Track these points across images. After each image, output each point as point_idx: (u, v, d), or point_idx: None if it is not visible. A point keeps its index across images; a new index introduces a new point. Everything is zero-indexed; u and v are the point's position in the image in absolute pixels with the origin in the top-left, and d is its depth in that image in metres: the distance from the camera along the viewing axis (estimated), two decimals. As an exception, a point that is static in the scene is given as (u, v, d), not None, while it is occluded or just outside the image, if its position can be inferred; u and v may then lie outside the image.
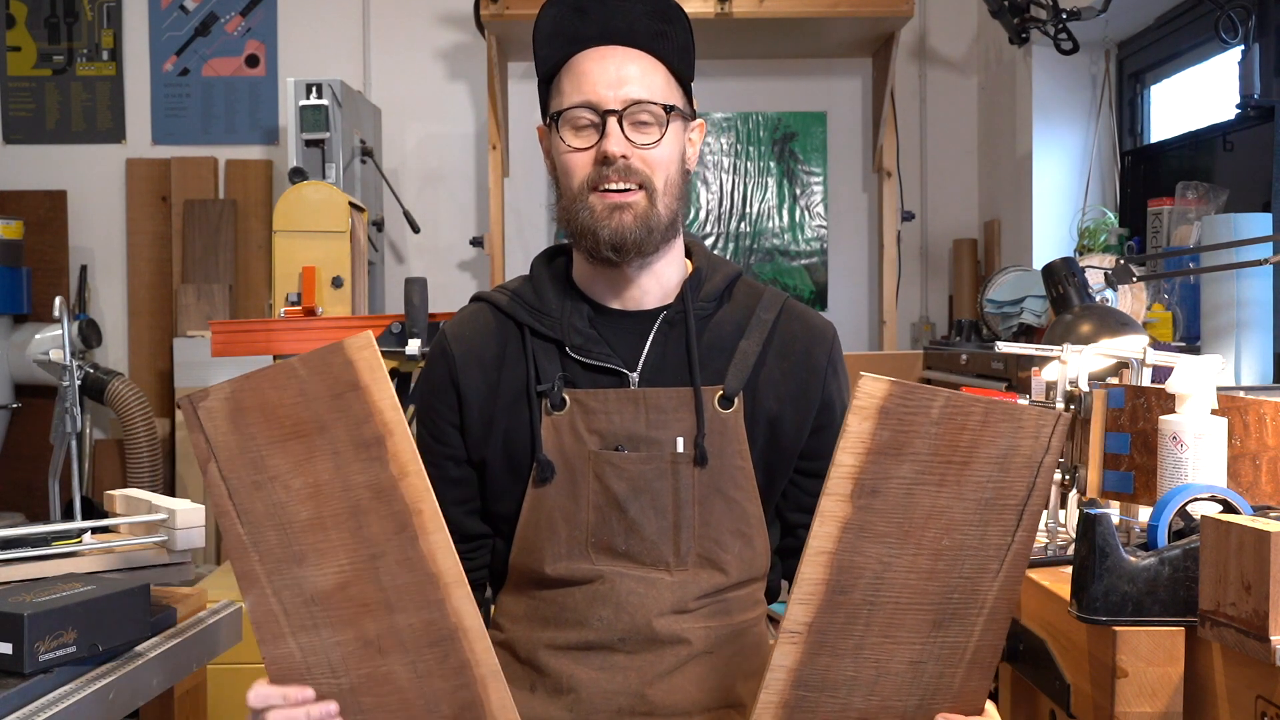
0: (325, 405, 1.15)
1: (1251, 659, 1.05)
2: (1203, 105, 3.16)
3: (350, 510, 1.16)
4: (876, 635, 1.14)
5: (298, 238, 2.96)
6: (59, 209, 4.33)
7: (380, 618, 1.17)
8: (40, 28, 4.40)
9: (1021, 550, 1.13)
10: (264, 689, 1.16)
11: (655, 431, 1.32)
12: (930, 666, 1.15)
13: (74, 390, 1.77)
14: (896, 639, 1.15)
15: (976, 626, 1.14)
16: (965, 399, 1.12)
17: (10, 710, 1.19)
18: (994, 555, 1.13)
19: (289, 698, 1.16)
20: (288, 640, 1.17)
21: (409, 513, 1.16)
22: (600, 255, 1.33)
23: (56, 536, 1.60)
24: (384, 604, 1.16)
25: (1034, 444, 1.12)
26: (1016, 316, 3.13)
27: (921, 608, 1.14)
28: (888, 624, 1.14)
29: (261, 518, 1.16)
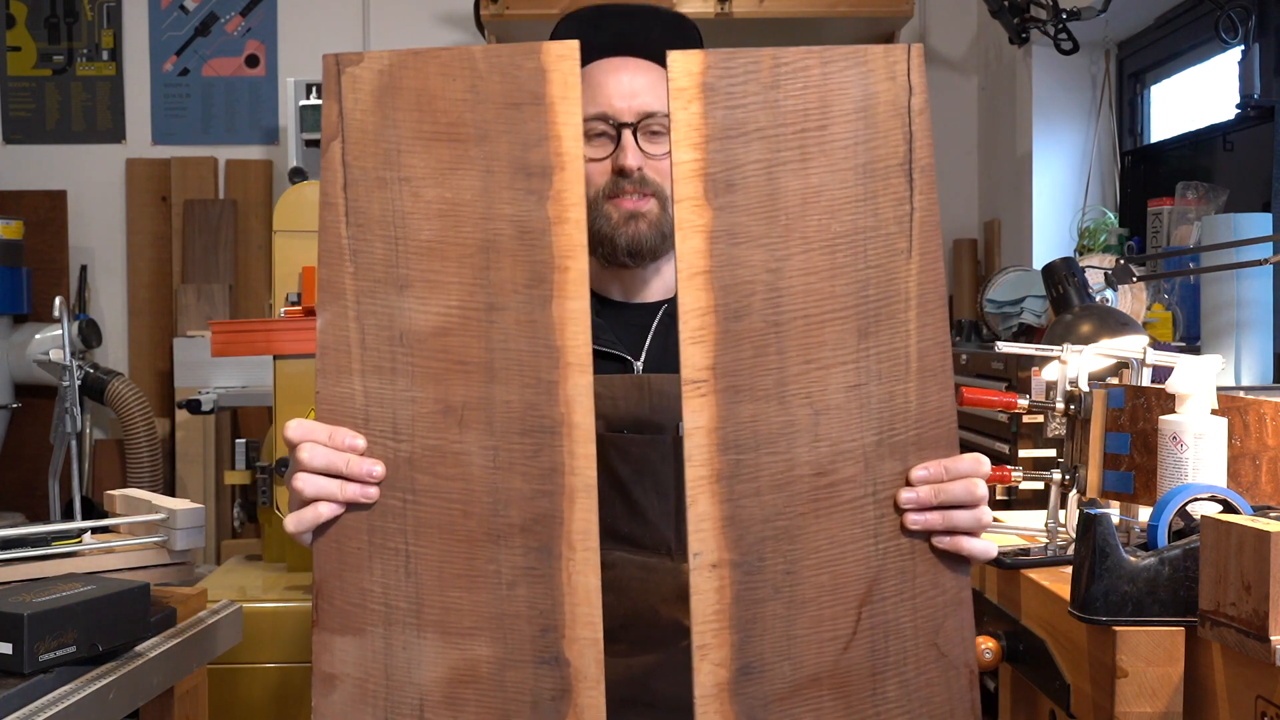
0: (496, 112, 0.98)
1: (1251, 659, 1.05)
2: (1203, 105, 3.15)
3: (483, 244, 0.98)
4: (797, 363, 0.99)
5: (298, 238, 2.96)
6: (59, 209, 4.33)
7: (474, 383, 0.98)
8: (40, 28, 4.40)
9: (927, 219, 1.00)
10: (308, 422, 0.99)
11: (658, 416, 1.34)
12: (874, 388, 0.99)
13: (74, 390, 1.77)
14: (822, 362, 0.99)
15: (910, 324, 1.00)
16: (794, 52, 0.99)
17: (10, 710, 1.19)
18: (897, 231, 0.99)
19: (334, 438, 0.98)
20: (354, 378, 0.98)
21: (552, 266, 0.98)
22: (617, 260, 1.38)
23: (56, 536, 1.60)
24: (485, 368, 0.98)
25: (893, 87, 1.00)
26: (1016, 316, 3.13)
27: (837, 316, 0.99)
28: (805, 345, 0.98)
29: (374, 223, 0.98)
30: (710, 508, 0.98)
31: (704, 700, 0.99)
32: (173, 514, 1.61)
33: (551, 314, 0.98)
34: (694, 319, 0.98)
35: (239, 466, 3.03)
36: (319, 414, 0.99)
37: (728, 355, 0.98)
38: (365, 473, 0.98)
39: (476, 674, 0.99)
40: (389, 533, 0.99)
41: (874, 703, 1.00)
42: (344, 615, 0.99)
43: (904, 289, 1.00)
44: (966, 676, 1.02)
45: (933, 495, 1.00)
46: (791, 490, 0.99)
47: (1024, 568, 1.40)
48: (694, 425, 0.97)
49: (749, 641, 0.99)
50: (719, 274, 0.98)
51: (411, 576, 0.99)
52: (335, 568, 0.99)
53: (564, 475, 0.98)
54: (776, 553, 0.99)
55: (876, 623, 1.01)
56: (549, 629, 0.99)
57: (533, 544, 0.99)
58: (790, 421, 0.99)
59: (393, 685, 0.98)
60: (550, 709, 0.99)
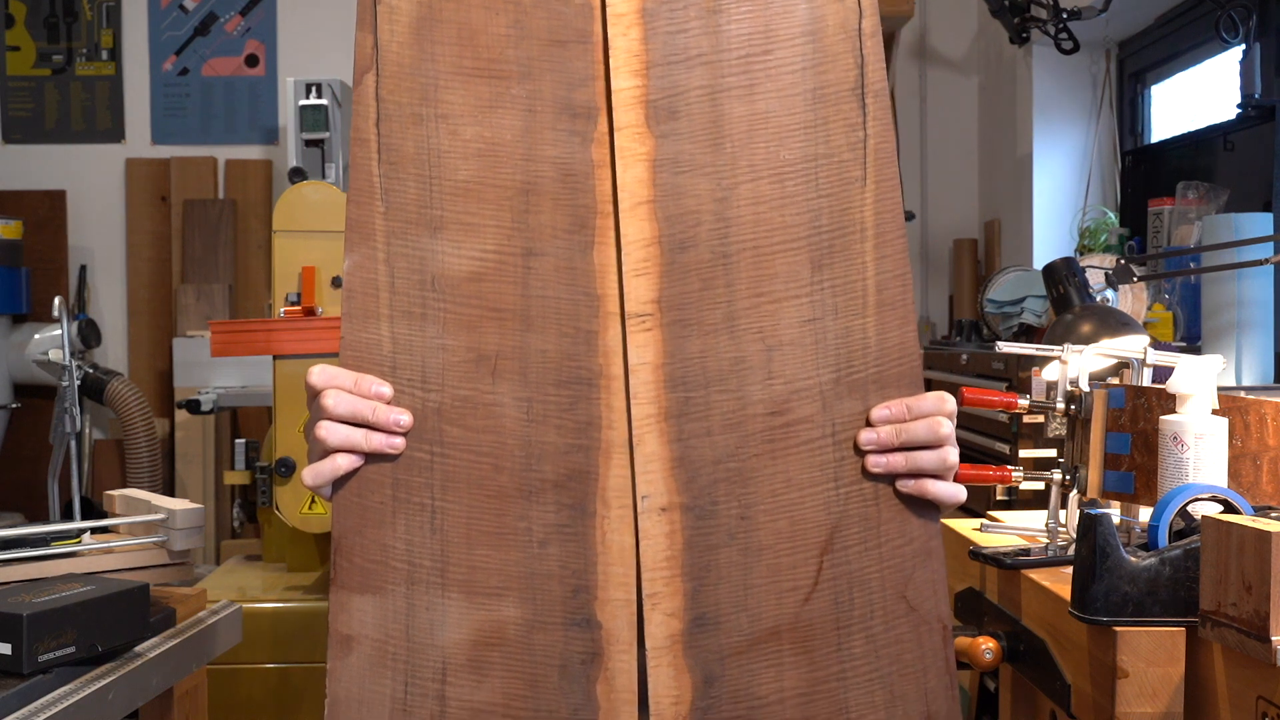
0: (541, 49, 0.93)
1: (1252, 659, 1.04)
2: (1203, 105, 3.15)
3: (522, 187, 0.94)
4: (746, 295, 0.94)
5: (298, 238, 2.96)
6: (58, 209, 4.33)
7: (509, 331, 0.93)
8: (40, 27, 4.40)
9: (883, 146, 0.96)
10: (332, 368, 0.94)
11: None
12: (830, 323, 0.95)
13: (73, 390, 1.77)
14: (773, 295, 0.94)
15: (866, 256, 0.95)
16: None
17: (9, 711, 1.19)
18: (851, 158, 0.95)
19: (359, 385, 0.93)
20: (381, 324, 0.93)
21: (594, 211, 0.94)
22: None
23: (56, 537, 1.60)
24: (520, 316, 0.93)
25: (841, 9, 0.95)
26: (1017, 316, 3.13)
27: (788, 247, 0.94)
28: (755, 277, 0.94)
29: (407, 161, 0.94)
30: (658, 448, 0.94)
31: (656, 653, 0.94)
32: (172, 514, 1.61)
33: (592, 261, 0.93)
34: (637, 250, 0.93)
35: (238, 467, 3.03)
36: (343, 360, 0.94)
37: (674, 288, 0.94)
38: (392, 422, 0.93)
39: (503, 636, 0.94)
40: (414, 487, 0.94)
41: (839, 659, 0.96)
42: (364, 573, 0.94)
43: (859, 219, 0.95)
44: (940, 632, 0.97)
45: (894, 436, 0.95)
46: (744, 430, 0.95)
47: (1024, 568, 1.39)
48: (639, 361, 0.93)
49: (703, 590, 0.94)
50: (663, 204, 0.94)
51: (437, 533, 0.94)
52: (356, 523, 0.94)
53: (601, 429, 0.93)
54: (730, 496, 0.95)
55: (839, 573, 0.96)
56: (580, 589, 0.94)
57: (566, 501, 0.94)
58: (741, 357, 0.94)
59: (414, 647, 0.94)
60: (580, 673, 0.94)
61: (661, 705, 0.95)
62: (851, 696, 0.96)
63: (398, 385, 0.93)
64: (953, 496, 0.98)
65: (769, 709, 0.95)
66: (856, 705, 0.96)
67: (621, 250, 0.93)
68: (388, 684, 0.93)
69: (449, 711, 0.94)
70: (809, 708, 0.96)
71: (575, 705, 0.94)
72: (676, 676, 0.95)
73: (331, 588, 0.94)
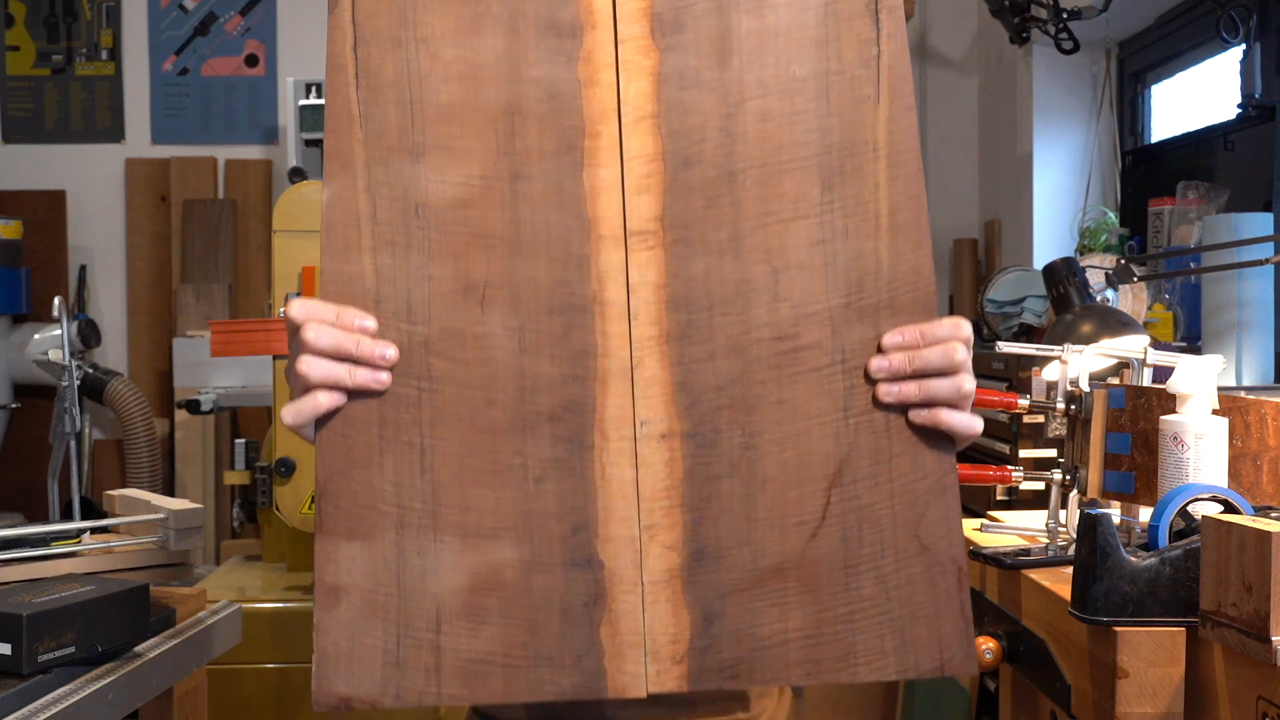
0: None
1: (1252, 659, 1.04)
2: (1203, 105, 3.15)
3: (507, 108, 0.91)
4: (753, 215, 0.91)
5: (297, 238, 2.96)
6: (58, 209, 4.33)
7: (497, 258, 0.90)
8: (39, 27, 4.40)
9: (897, 64, 0.93)
10: (313, 301, 0.89)
11: None
12: (840, 245, 0.91)
13: (73, 390, 1.77)
14: (781, 215, 0.91)
15: (879, 176, 0.92)
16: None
17: (9, 711, 1.18)
18: (863, 75, 0.92)
19: (342, 318, 0.89)
20: (363, 256, 0.89)
21: (582, 132, 0.91)
22: None
23: (56, 537, 1.60)
24: (509, 242, 0.90)
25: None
26: (1017, 316, 3.13)
27: (797, 165, 0.91)
28: (762, 196, 0.91)
29: (387, 86, 0.90)
30: (659, 371, 0.90)
31: (654, 587, 0.90)
32: (172, 514, 1.61)
33: (582, 183, 0.90)
34: (640, 166, 0.90)
35: (238, 467, 3.02)
36: (324, 294, 0.90)
37: (677, 205, 0.91)
38: (377, 356, 0.88)
39: (500, 580, 0.90)
40: (402, 425, 0.89)
41: (847, 600, 0.91)
42: (350, 518, 0.89)
43: (871, 138, 0.92)
44: (954, 574, 0.92)
45: (907, 363, 0.91)
46: (749, 355, 0.91)
47: (1024, 568, 1.39)
48: (640, 281, 0.90)
49: (703, 523, 0.90)
50: (667, 119, 0.91)
51: (427, 473, 0.89)
52: (341, 465, 0.89)
53: (596, 357, 0.90)
54: (733, 424, 0.91)
55: (848, 508, 0.91)
56: (580, 528, 0.90)
57: (562, 434, 0.90)
58: (747, 279, 0.91)
59: (406, 596, 0.89)
60: (582, 616, 0.90)
61: (658, 644, 0.90)
62: (860, 640, 0.91)
63: (382, 318, 0.89)
64: (968, 427, 0.93)
65: (771, 650, 0.91)
66: (865, 650, 0.91)
67: (624, 166, 0.90)
68: (379, 636, 0.89)
69: (444, 663, 0.89)
70: (814, 650, 0.91)
71: (578, 650, 0.90)
72: (674, 614, 0.90)
73: (316, 535, 0.89)
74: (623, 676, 0.90)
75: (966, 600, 0.92)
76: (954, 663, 0.91)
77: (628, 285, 0.91)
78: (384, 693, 0.88)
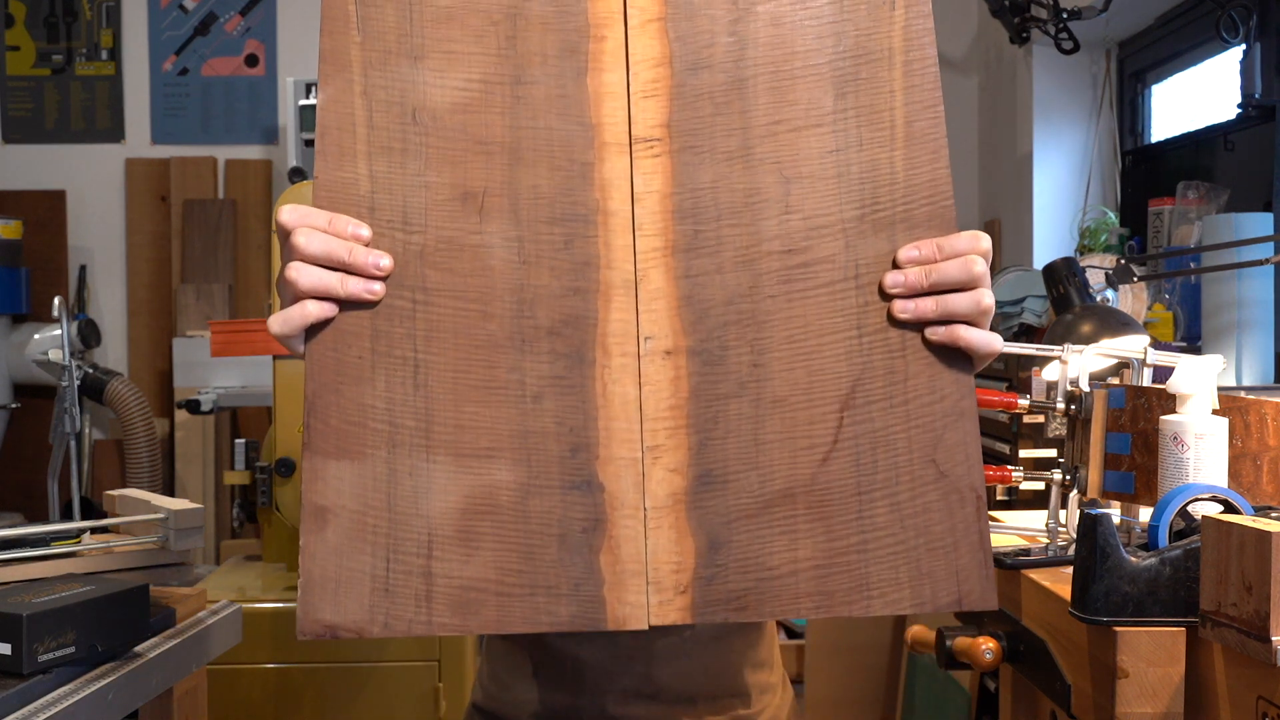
0: None
1: (1253, 660, 1.04)
2: (1203, 105, 3.15)
3: (509, 11, 0.87)
4: (763, 123, 0.88)
5: (297, 237, 2.95)
6: (58, 209, 4.33)
7: (496, 166, 0.86)
8: (39, 27, 4.40)
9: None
10: (306, 207, 0.86)
11: None
12: (854, 155, 0.88)
13: (73, 390, 1.77)
14: (792, 123, 0.88)
15: (894, 84, 0.89)
16: None
17: (9, 711, 1.18)
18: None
19: (334, 225, 0.86)
20: (358, 161, 0.86)
21: (587, 35, 0.87)
22: None
23: (56, 537, 1.60)
24: (509, 149, 0.87)
25: None
26: (1017, 316, 3.13)
27: (809, 71, 0.88)
28: (773, 104, 0.88)
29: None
30: (664, 284, 0.87)
31: (657, 513, 0.86)
32: (172, 514, 1.61)
33: (586, 88, 0.86)
34: (646, 70, 0.87)
35: (238, 467, 3.02)
36: (316, 201, 0.86)
37: (684, 112, 0.87)
38: (370, 264, 0.85)
39: (495, 503, 0.86)
40: (395, 338, 0.86)
41: (859, 528, 0.87)
42: (340, 436, 0.85)
43: (887, 44, 0.88)
44: (973, 502, 0.88)
45: (923, 278, 0.87)
46: (759, 268, 0.87)
47: (1024, 568, 1.39)
48: (646, 189, 0.86)
49: (709, 445, 0.86)
50: (675, 22, 0.87)
51: (420, 389, 0.86)
52: (331, 380, 0.86)
53: (599, 269, 0.86)
54: (741, 340, 0.87)
55: (861, 431, 0.87)
56: (580, 448, 0.86)
57: (561, 349, 0.86)
58: (756, 189, 0.87)
59: (396, 518, 0.85)
60: (581, 542, 0.86)
61: (661, 572, 0.86)
62: (873, 571, 0.87)
63: (376, 227, 0.86)
64: (987, 344, 0.89)
65: (780, 581, 0.86)
66: (879, 581, 0.87)
67: (629, 70, 0.87)
68: (367, 560, 0.85)
69: (435, 590, 0.85)
70: (825, 581, 0.87)
71: (576, 579, 0.86)
72: (678, 540, 0.86)
73: (304, 454, 0.85)
74: (623, 607, 0.86)
75: (986, 530, 0.88)
76: (972, 596, 0.88)
77: (632, 194, 0.87)
78: (372, 620, 0.85)
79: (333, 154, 0.86)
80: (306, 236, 0.85)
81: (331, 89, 0.86)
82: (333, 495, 0.85)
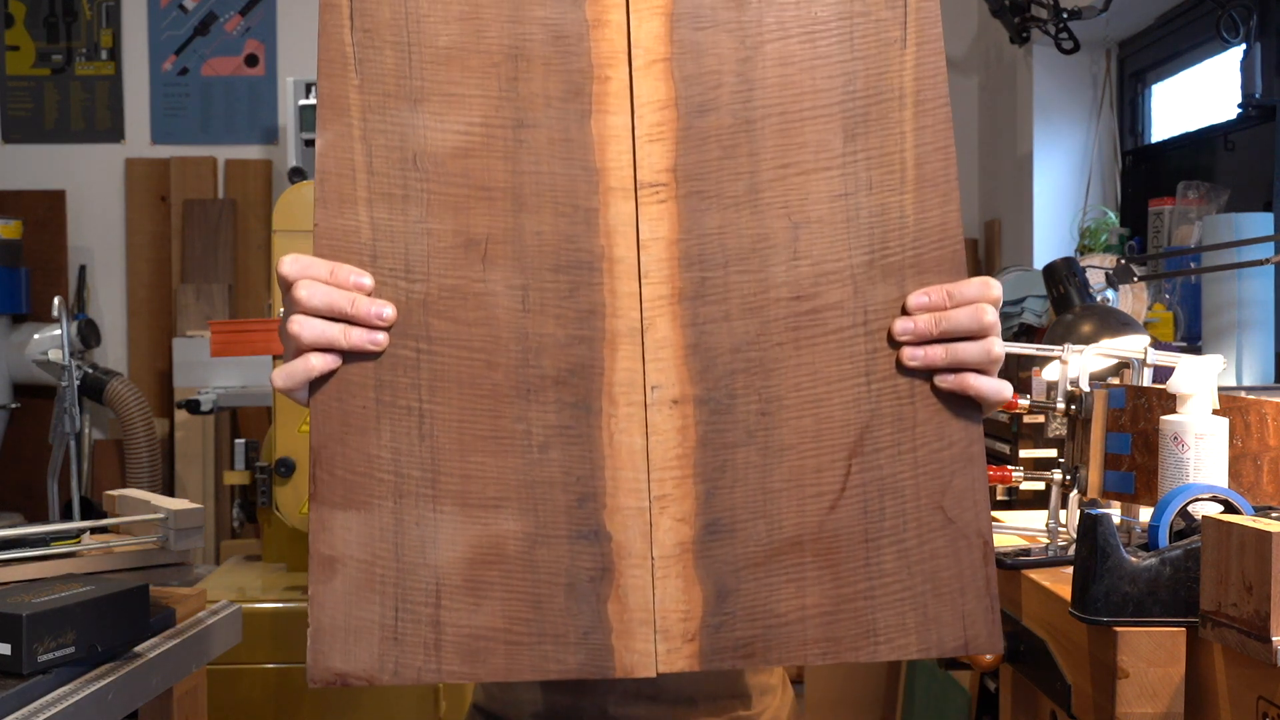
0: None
1: (1253, 660, 1.04)
2: (1204, 105, 3.15)
3: (510, 51, 0.86)
4: (771, 167, 0.86)
5: (297, 237, 2.95)
6: (58, 209, 4.33)
7: (499, 212, 0.85)
8: (39, 27, 4.40)
9: (925, 4, 0.91)
10: (306, 257, 0.85)
11: None
12: (863, 199, 0.87)
13: (73, 390, 1.77)
14: (801, 167, 0.86)
15: (905, 125, 0.87)
16: None
17: (9, 711, 1.18)
18: (889, 17, 0.89)
19: (336, 275, 0.84)
20: (359, 208, 0.85)
21: (590, 77, 0.86)
22: None
23: (55, 537, 1.60)
24: (512, 194, 0.85)
25: None
26: (1017, 316, 3.13)
27: (818, 113, 0.87)
28: (781, 146, 0.86)
29: (383, 27, 0.85)
30: (671, 332, 0.86)
31: (664, 562, 0.86)
32: (171, 514, 1.61)
33: (590, 131, 0.85)
34: (652, 113, 0.85)
35: (238, 467, 3.02)
36: (317, 250, 0.85)
37: (691, 156, 0.86)
38: (373, 315, 0.84)
39: (502, 552, 0.85)
40: (400, 388, 0.85)
41: (867, 574, 0.86)
42: (346, 486, 0.85)
43: (898, 84, 0.87)
44: (980, 547, 0.87)
45: (933, 325, 0.86)
46: (766, 315, 0.86)
47: (1024, 568, 1.39)
48: (652, 236, 0.85)
49: (717, 493, 0.86)
50: (681, 62, 0.86)
51: (426, 439, 0.85)
52: (336, 430, 0.85)
53: (604, 318, 0.85)
54: (749, 389, 0.86)
55: (869, 478, 0.87)
56: (587, 498, 0.86)
57: (568, 399, 0.85)
58: (764, 235, 0.86)
59: (404, 568, 0.85)
60: (589, 591, 0.86)
61: (668, 620, 0.86)
62: (880, 617, 0.87)
63: (379, 275, 0.85)
64: (997, 392, 0.88)
65: (788, 628, 0.86)
66: (885, 627, 0.87)
67: (635, 113, 0.86)
68: (376, 609, 0.85)
69: (444, 638, 0.85)
70: (832, 628, 0.87)
71: (584, 627, 0.86)
72: (686, 589, 0.86)
73: (311, 504, 0.85)
74: (631, 655, 0.86)
75: (992, 575, 0.88)
76: (978, 640, 0.88)
77: (638, 241, 0.86)
78: (381, 669, 0.85)
79: (333, 201, 0.85)
80: (309, 289, 0.84)
81: (330, 134, 0.85)
82: (340, 545, 0.85)
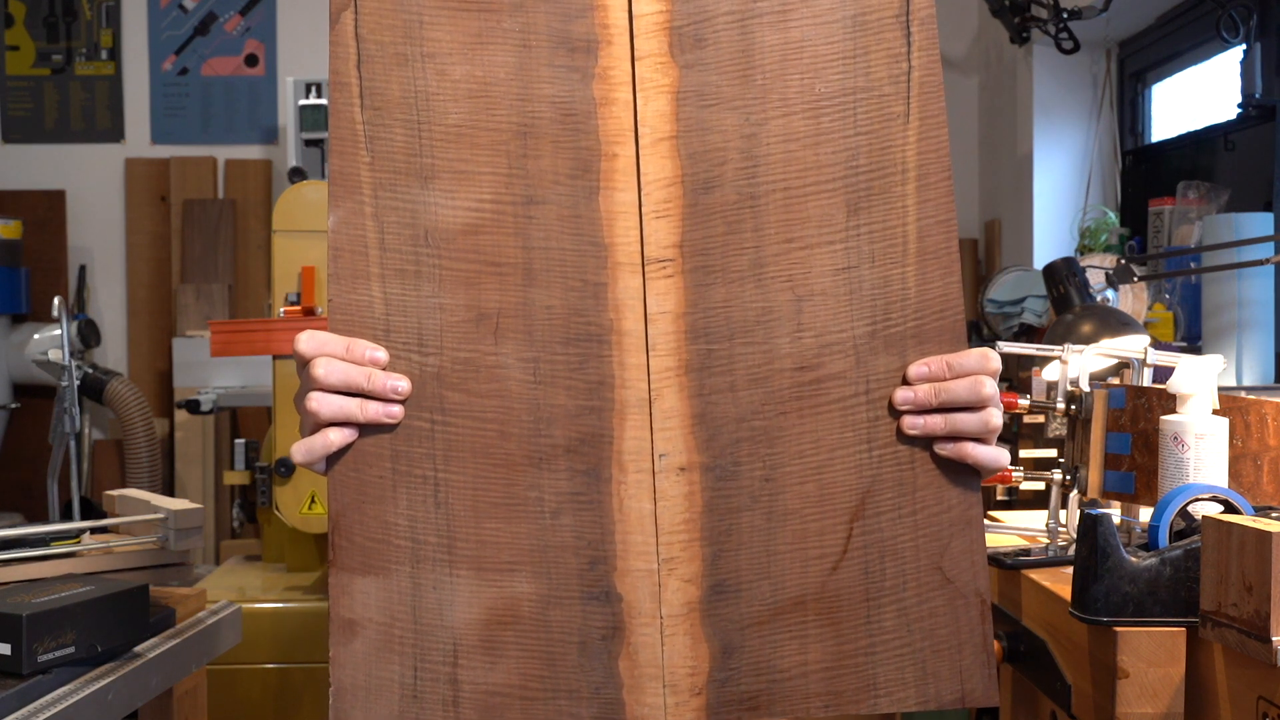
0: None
1: (1253, 660, 1.04)
2: (1204, 104, 3.15)
3: (520, 129, 0.88)
4: (776, 241, 0.88)
5: (297, 237, 2.96)
6: (58, 209, 4.33)
7: (510, 287, 0.87)
8: (39, 27, 4.40)
9: (928, 79, 0.91)
10: (322, 334, 0.87)
11: None
12: (866, 272, 0.89)
13: (73, 390, 1.77)
14: (805, 241, 0.88)
15: (907, 199, 0.89)
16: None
17: (9, 711, 1.18)
18: (892, 92, 0.90)
19: (352, 351, 0.87)
20: (372, 284, 0.87)
21: (598, 154, 0.88)
22: None
23: (55, 537, 1.60)
24: (522, 269, 0.87)
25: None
26: (1017, 316, 3.13)
27: (822, 188, 0.88)
28: (785, 221, 0.88)
29: (393, 105, 0.87)
30: (678, 403, 0.89)
31: (672, 620, 0.89)
32: (172, 514, 1.61)
33: (598, 207, 0.87)
34: (658, 190, 0.88)
35: (238, 467, 3.02)
36: (332, 325, 0.87)
37: (697, 231, 0.88)
38: (389, 389, 0.87)
39: (517, 614, 0.89)
40: (415, 458, 0.88)
41: (868, 632, 0.90)
42: (365, 553, 0.88)
43: (900, 159, 0.89)
44: (977, 606, 0.91)
45: (933, 395, 0.89)
46: (771, 386, 0.89)
47: (1024, 568, 1.39)
48: (659, 310, 0.87)
49: (723, 556, 0.89)
50: (686, 140, 0.88)
51: (441, 507, 0.88)
52: (354, 500, 0.88)
53: (614, 389, 0.88)
54: (754, 456, 0.89)
55: (870, 541, 0.90)
56: (598, 561, 0.89)
57: (579, 467, 0.88)
58: (769, 308, 0.88)
59: (422, 630, 0.88)
60: (601, 649, 0.89)
61: (677, 676, 0.90)
62: (880, 672, 0.91)
63: (393, 349, 0.87)
64: (995, 460, 0.92)
65: (791, 683, 0.90)
66: (885, 681, 0.91)
67: (642, 191, 0.88)
68: (395, 669, 0.88)
69: (462, 695, 0.88)
70: (834, 682, 0.90)
71: (596, 683, 0.89)
72: (693, 646, 0.90)
73: (331, 570, 0.88)
74: (641, 708, 0.90)
75: (989, 632, 0.92)
76: (975, 694, 0.91)
77: (645, 315, 0.89)
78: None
79: (346, 277, 0.87)
80: (326, 367, 0.86)
81: (342, 211, 0.87)
82: (359, 609, 0.88)
